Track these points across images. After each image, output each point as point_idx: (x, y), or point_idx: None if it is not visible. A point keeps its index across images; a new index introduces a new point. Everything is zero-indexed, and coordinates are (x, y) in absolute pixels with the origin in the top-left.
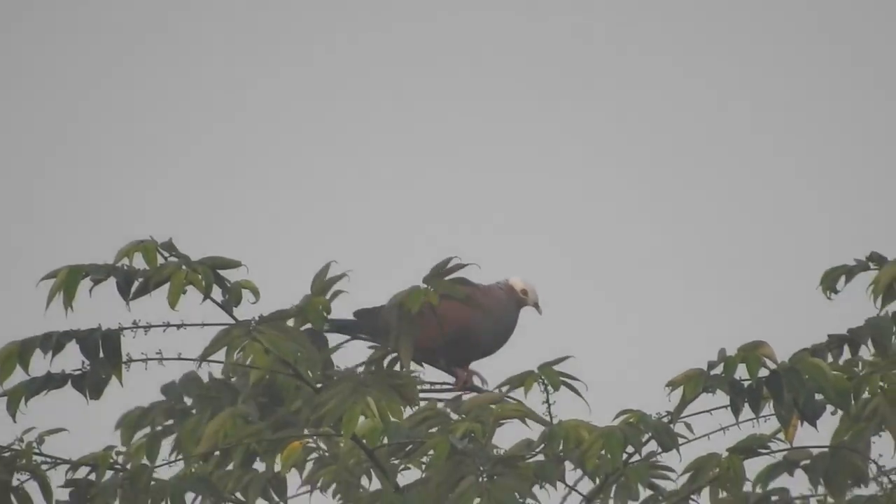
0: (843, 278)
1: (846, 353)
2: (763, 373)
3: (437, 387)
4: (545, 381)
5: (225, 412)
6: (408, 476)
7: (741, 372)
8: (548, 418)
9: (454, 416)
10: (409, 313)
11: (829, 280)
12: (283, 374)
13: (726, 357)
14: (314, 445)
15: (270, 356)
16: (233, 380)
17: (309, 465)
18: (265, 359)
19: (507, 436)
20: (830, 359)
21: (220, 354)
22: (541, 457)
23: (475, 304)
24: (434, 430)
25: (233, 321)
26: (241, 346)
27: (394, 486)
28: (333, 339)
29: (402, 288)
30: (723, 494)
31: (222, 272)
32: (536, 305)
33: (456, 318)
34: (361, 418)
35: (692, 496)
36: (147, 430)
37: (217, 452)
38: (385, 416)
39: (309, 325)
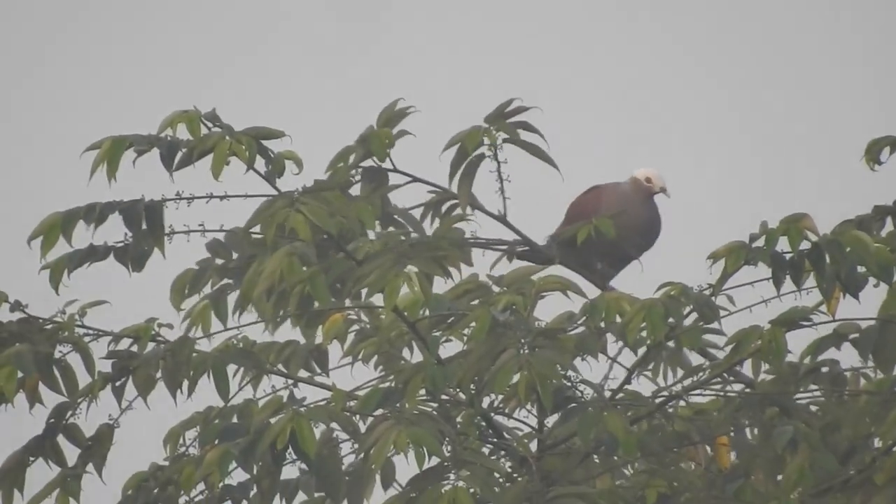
0: (887, 149)
1: (889, 226)
2: (805, 245)
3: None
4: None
5: (281, 251)
6: (449, 348)
7: (783, 244)
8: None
9: (496, 289)
10: (469, 154)
11: (873, 151)
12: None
13: (768, 229)
14: (356, 317)
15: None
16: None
17: (350, 337)
18: (308, 230)
19: (549, 308)
20: (874, 231)
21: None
22: (582, 329)
23: (595, 201)
24: (475, 302)
25: (276, 192)
26: (284, 218)
27: (435, 359)
28: (395, 178)
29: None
30: (765, 367)
31: (266, 143)
32: (664, 190)
33: (581, 215)
34: (403, 290)
35: (735, 367)
36: (196, 297)
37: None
38: (426, 288)
39: (371, 161)
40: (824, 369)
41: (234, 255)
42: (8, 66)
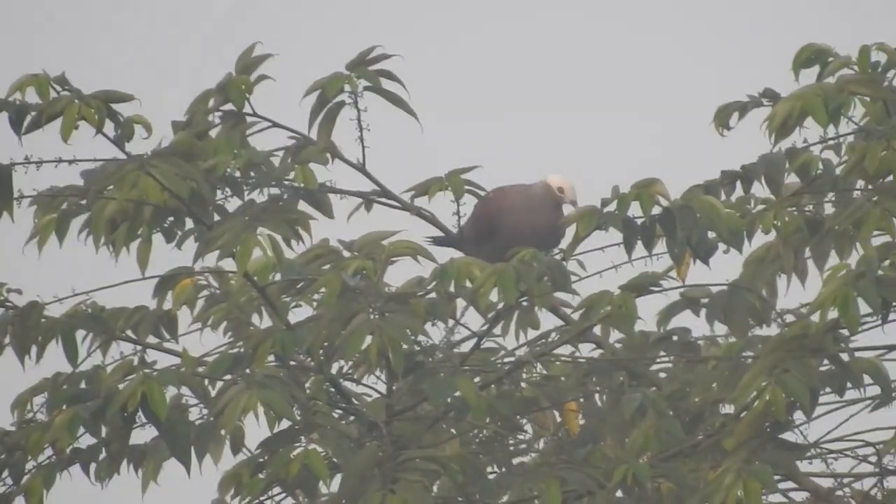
0: (736, 114)
1: (739, 191)
2: (656, 210)
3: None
4: (451, 189)
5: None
6: (299, 313)
7: (635, 209)
8: (455, 230)
9: (346, 254)
10: (328, 100)
11: (722, 116)
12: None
13: (620, 194)
14: (205, 283)
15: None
16: None
17: (200, 303)
18: (159, 192)
19: (400, 273)
20: (724, 196)
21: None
22: (433, 294)
23: (499, 201)
24: (326, 266)
25: (125, 156)
26: (134, 182)
27: (285, 324)
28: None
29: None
30: (614, 333)
31: (115, 106)
32: (574, 203)
33: (482, 215)
34: (256, 252)
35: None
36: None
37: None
38: (279, 252)
39: (230, 105)
40: (675, 337)
41: None
42: None
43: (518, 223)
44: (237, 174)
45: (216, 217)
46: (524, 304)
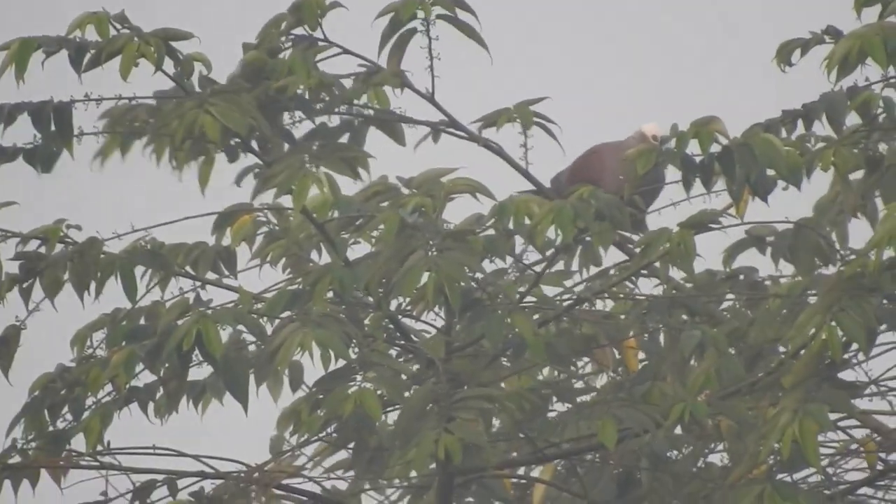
0: (798, 51)
1: (800, 129)
2: (715, 148)
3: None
4: (519, 121)
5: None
6: (357, 250)
7: (693, 147)
8: (523, 163)
9: (405, 191)
10: (401, 24)
11: (784, 53)
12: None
13: (678, 132)
14: (264, 219)
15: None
16: None
17: (259, 239)
18: (217, 130)
19: (459, 211)
20: (784, 135)
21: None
22: (491, 231)
23: (599, 165)
24: (384, 204)
25: (184, 93)
26: (194, 118)
27: (343, 260)
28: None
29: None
30: (674, 270)
31: (174, 44)
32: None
33: (583, 180)
34: (313, 190)
35: (644, 271)
36: None
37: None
38: (336, 189)
39: (301, 29)
40: (741, 276)
41: None
42: None
43: (620, 186)
44: (308, 96)
45: (284, 144)
46: (587, 239)
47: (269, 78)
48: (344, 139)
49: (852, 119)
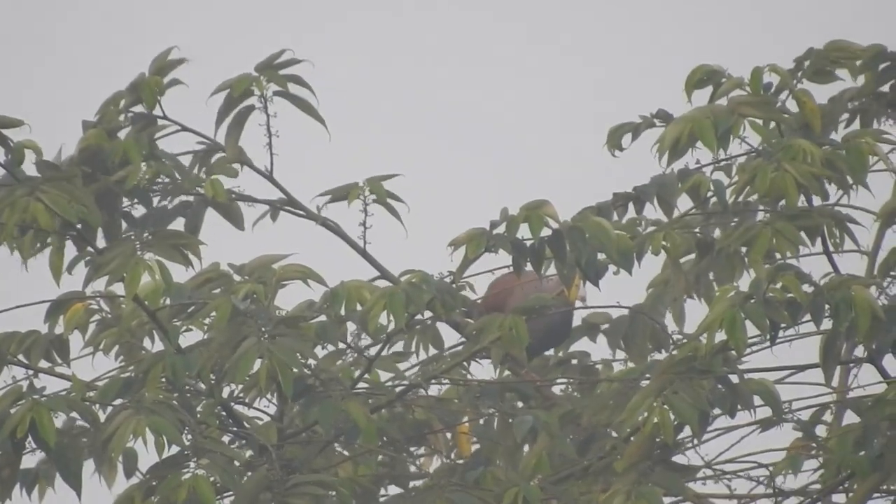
0: (629, 135)
1: (632, 212)
2: (546, 232)
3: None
4: (368, 194)
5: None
6: (190, 337)
7: (524, 231)
8: (361, 243)
9: (237, 277)
10: (235, 101)
11: (614, 137)
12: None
13: (509, 216)
14: (96, 307)
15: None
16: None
17: (92, 327)
18: (49, 218)
19: (291, 297)
20: (616, 217)
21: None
22: (323, 317)
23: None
24: (216, 290)
25: (15, 181)
26: (24, 207)
27: (175, 348)
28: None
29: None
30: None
31: (4, 131)
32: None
33: (492, 306)
34: (144, 278)
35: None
36: None
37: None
38: (167, 277)
39: (140, 107)
40: (573, 361)
41: None
42: None
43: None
44: (146, 182)
45: (124, 224)
46: (427, 322)
47: (107, 161)
48: (180, 222)
49: (685, 202)
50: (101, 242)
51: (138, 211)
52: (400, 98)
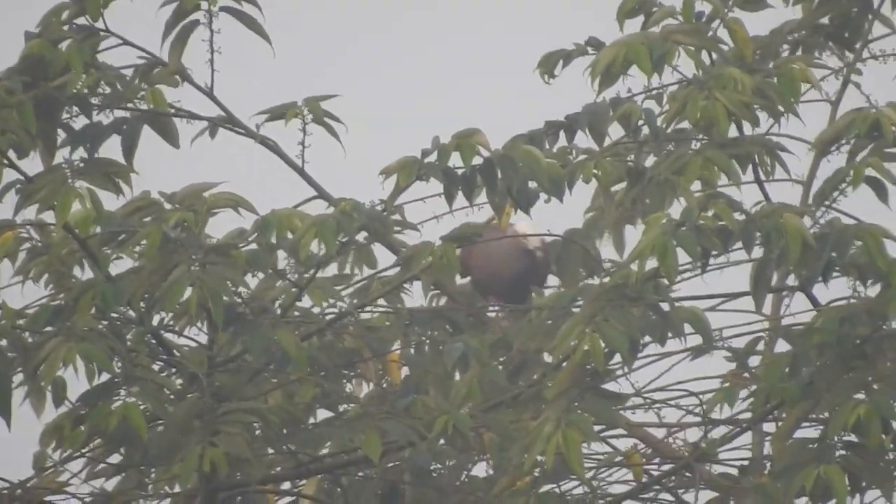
0: (560, 62)
1: (563, 141)
2: (477, 160)
3: None
4: (306, 114)
5: None
6: (120, 265)
7: (455, 160)
8: (299, 162)
9: (167, 206)
10: (186, 14)
11: (547, 64)
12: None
13: (440, 144)
14: (27, 235)
15: None
16: None
17: (21, 256)
18: None
19: (221, 225)
20: (548, 146)
21: None
22: (254, 245)
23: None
24: (147, 219)
25: None
26: None
27: (106, 276)
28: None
29: None
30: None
31: None
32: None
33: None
34: (75, 206)
35: (405, 284)
36: None
37: None
38: (98, 205)
39: (83, 20)
40: None
41: None
42: None
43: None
44: (87, 91)
45: (63, 134)
46: (363, 241)
47: (49, 71)
48: (116, 138)
49: (617, 131)
50: (37, 163)
51: (78, 124)
52: (346, 21)
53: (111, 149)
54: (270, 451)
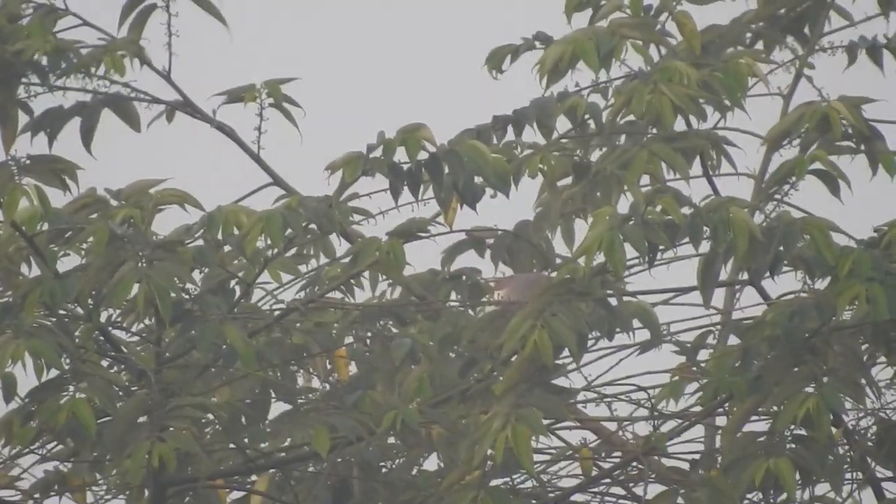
0: (508, 57)
1: (510, 136)
2: (423, 156)
3: None
4: (265, 97)
5: None
6: (67, 262)
7: (401, 155)
8: (255, 148)
9: (114, 202)
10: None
11: (495, 59)
12: None
13: (385, 140)
14: None
15: None
16: None
17: None
18: None
19: (168, 221)
20: (496, 141)
21: None
22: (200, 242)
23: None
24: (94, 215)
25: None
26: None
27: (53, 273)
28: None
29: None
30: (383, 278)
31: None
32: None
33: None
34: (22, 203)
35: (352, 280)
36: None
37: None
38: (45, 202)
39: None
40: (463, 277)
41: None
42: None
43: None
44: (45, 63)
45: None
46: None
47: (6, 42)
48: (76, 121)
49: (565, 126)
50: None
51: (36, 105)
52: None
53: (69, 132)
54: (219, 446)
